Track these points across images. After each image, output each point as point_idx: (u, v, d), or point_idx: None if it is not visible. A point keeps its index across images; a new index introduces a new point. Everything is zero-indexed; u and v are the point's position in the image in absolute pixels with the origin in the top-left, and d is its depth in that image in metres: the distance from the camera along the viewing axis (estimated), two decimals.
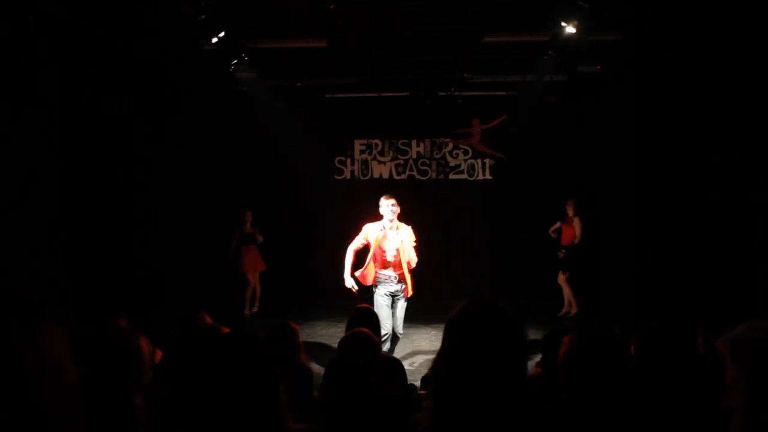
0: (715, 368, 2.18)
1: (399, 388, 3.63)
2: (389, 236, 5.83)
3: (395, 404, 2.75)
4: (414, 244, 5.88)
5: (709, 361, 3.33)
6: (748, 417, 1.30)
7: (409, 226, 5.95)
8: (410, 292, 5.95)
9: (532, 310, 9.09)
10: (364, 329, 3.05)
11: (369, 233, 5.92)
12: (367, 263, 5.94)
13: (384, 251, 5.84)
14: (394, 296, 5.92)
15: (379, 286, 5.90)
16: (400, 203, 5.79)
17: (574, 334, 2.47)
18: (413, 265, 5.83)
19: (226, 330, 2.88)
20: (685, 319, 4.66)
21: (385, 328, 5.65)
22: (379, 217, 5.88)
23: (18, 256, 7.07)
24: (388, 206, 5.71)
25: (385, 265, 5.88)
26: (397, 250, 5.82)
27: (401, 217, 5.91)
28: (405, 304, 5.99)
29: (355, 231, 6.22)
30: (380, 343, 3.09)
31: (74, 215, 8.20)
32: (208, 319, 3.80)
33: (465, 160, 9.50)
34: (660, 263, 7.57)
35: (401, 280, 5.89)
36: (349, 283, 5.87)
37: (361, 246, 5.95)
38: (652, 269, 7.59)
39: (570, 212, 8.54)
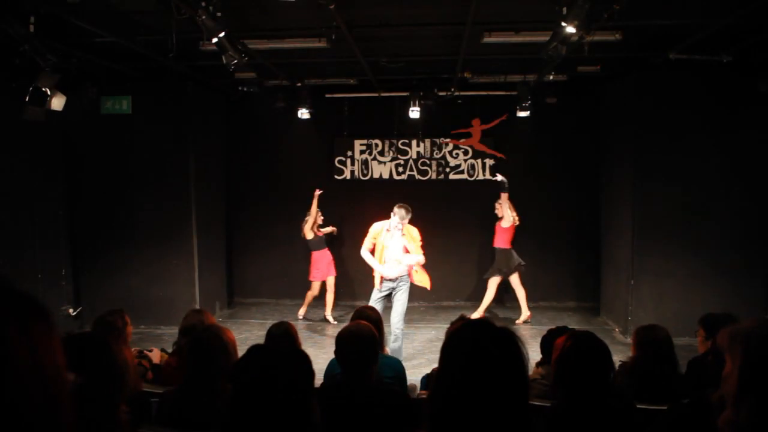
0: (715, 367, 2.19)
1: (399, 387, 3.63)
2: (395, 236, 6.20)
3: (395, 403, 2.75)
4: (420, 243, 6.24)
5: (709, 359, 3.33)
6: (736, 405, 1.31)
7: (415, 228, 6.30)
8: (413, 278, 6.30)
9: (533, 310, 9.11)
10: (364, 323, 3.07)
11: (376, 232, 6.31)
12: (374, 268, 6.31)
13: (388, 249, 6.20)
14: (391, 290, 6.25)
15: (378, 286, 6.27)
16: (411, 211, 6.19)
17: (566, 337, 2.50)
18: (421, 262, 6.22)
19: (229, 332, 2.88)
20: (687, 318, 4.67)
21: None
22: (387, 217, 6.26)
23: (18, 254, 7.07)
24: (398, 217, 6.10)
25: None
26: (405, 248, 6.17)
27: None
28: (404, 296, 6.22)
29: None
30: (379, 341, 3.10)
31: (75, 213, 8.21)
32: (212, 319, 3.82)
33: (465, 160, 9.50)
34: (661, 263, 7.57)
35: (401, 277, 6.21)
36: (386, 272, 6.21)
37: (371, 246, 6.33)
38: (653, 269, 7.59)
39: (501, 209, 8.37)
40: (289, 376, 1.58)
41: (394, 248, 6.22)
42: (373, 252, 6.33)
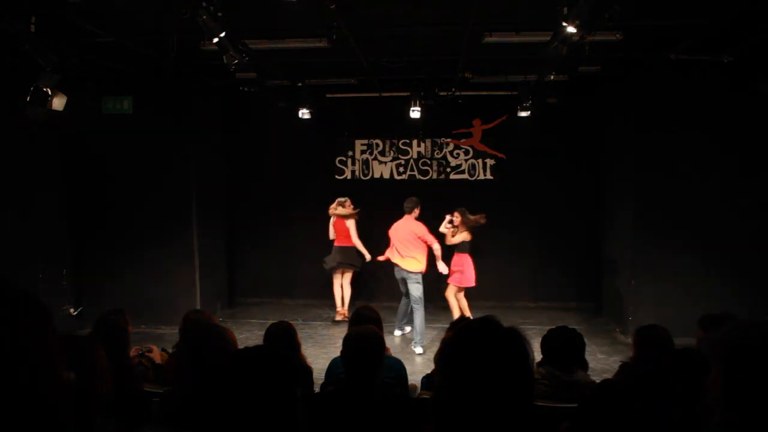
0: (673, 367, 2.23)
1: (400, 388, 3.63)
2: (399, 227, 7.30)
3: (398, 405, 2.75)
4: (428, 233, 7.36)
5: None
6: (724, 415, 1.31)
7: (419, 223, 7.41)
8: (416, 269, 7.33)
9: (533, 310, 9.11)
10: (371, 326, 3.07)
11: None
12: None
13: (391, 240, 7.38)
14: (402, 281, 7.43)
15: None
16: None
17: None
18: (437, 250, 7.44)
19: (230, 332, 2.88)
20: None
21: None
22: (389, 216, 7.59)
23: (19, 254, 7.07)
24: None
25: (392, 255, 7.41)
26: (403, 242, 7.23)
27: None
28: (414, 285, 7.31)
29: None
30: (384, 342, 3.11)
31: (76, 213, 8.22)
32: (213, 319, 3.82)
33: (466, 160, 9.50)
34: (662, 263, 7.57)
35: (405, 269, 7.32)
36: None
37: None
38: (654, 269, 7.59)
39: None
40: (269, 382, 1.54)
41: (394, 240, 7.35)
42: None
